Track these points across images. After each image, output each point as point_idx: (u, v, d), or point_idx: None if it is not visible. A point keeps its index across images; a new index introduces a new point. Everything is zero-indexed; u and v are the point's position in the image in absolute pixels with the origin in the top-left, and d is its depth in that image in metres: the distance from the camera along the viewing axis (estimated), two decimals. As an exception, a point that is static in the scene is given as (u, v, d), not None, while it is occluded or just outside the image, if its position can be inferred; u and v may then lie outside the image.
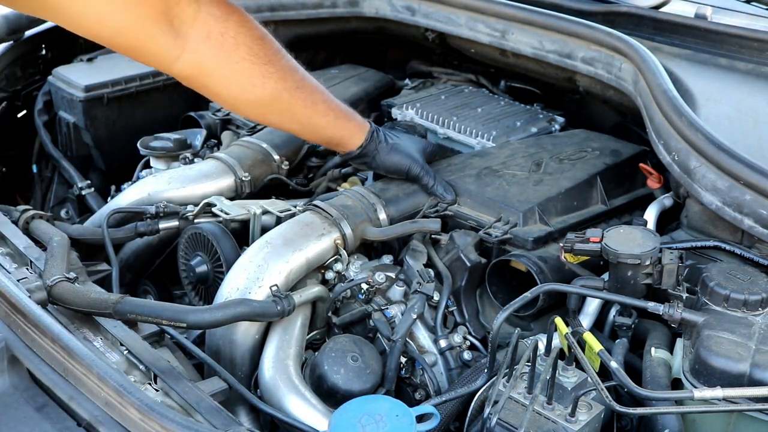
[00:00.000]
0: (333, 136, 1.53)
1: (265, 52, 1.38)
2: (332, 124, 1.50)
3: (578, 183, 1.48)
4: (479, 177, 1.51)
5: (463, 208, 1.47)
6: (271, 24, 2.04)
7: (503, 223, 1.39)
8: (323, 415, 1.16)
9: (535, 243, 1.36)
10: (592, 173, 1.51)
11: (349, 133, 1.52)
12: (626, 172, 1.58)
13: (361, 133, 1.53)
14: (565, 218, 1.45)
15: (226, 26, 1.33)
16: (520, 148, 1.63)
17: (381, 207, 1.45)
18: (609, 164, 1.56)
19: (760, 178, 1.16)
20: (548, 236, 1.39)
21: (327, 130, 1.51)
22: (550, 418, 0.97)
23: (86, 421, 1.00)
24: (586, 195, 1.50)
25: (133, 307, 1.20)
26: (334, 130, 1.51)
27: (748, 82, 1.57)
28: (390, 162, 1.53)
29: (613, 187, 1.54)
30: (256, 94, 1.40)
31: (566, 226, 1.42)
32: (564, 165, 1.55)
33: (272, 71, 1.39)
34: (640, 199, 1.56)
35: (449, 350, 1.32)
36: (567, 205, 1.46)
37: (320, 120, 1.48)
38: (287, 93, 1.42)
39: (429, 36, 2.01)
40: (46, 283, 1.23)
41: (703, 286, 1.11)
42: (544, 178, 1.50)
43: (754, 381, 0.98)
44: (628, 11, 1.79)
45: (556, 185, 1.47)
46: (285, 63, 1.42)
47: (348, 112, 1.53)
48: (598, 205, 1.51)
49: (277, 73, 1.40)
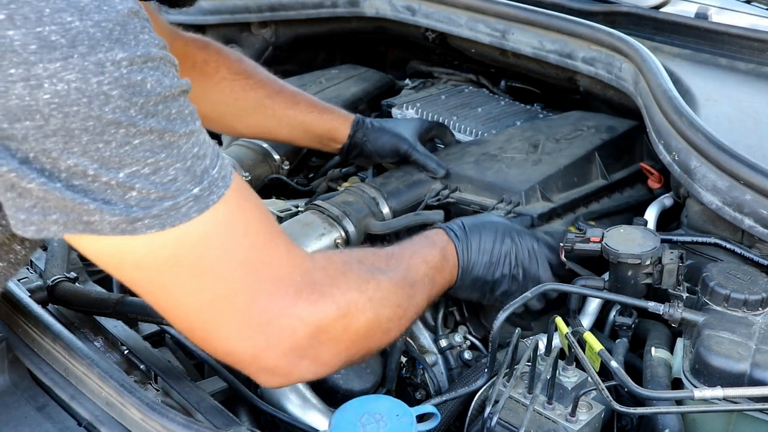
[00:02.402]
0: (322, 132, 1.56)
1: (244, 68, 1.52)
2: (317, 120, 1.55)
3: (577, 159, 1.50)
4: (478, 163, 1.52)
5: (464, 194, 1.47)
6: (272, 24, 2.05)
7: (506, 204, 1.40)
8: (323, 415, 1.16)
9: (540, 219, 1.38)
10: (589, 149, 1.53)
11: (335, 125, 1.56)
12: (623, 147, 1.60)
13: (347, 123, 1.57)
14: (567, 194, 1.46)
15: (208, 53, 1.49)
16: (516, 132, 1.64)
17: (383, 200, 1.45)
18: (606, 140, 1.57)
19: (760, 178, 1.16)
20: (552, 212, 1.41)
21: (314, 127, 1.55)
22: (551, 418, 0.97)
23: (87, 421, 1.00)
24: (585, 170, 1.51)
25: (133, 306, 1.20)
26: (320, 125, 1.55)
27: (749, 82, 1.57)
28: (380, 144, 1.55)
29: (612, 161, 1.56)
30: (239, 107, 1.51)
31: (569, 201, 1.44)
32: (561, 144, 1.56)
33: (252, 83, 1.51)
34: (640, 174, 1.57)
35: (450, 350, 1.32)
36: (568, 182, 1.48)
37: (305, 118, 1.54)
38: (269, 99, 1.52)
39: (429, 36, 2.01)
40: (46, 283, 1.24)
41: (704, 285, 1.11)
42: (543, 158, 1.51)
43: (754, 381, 0.97)
44: (628, 11, 1.79)
45: (554, 164, 1.49)
46: (263, 75, 1.55)
47: (330, 107, 1.58)
48: (598, 180, 1.52)
49: (257, 84, 1.52)
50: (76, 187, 0.76)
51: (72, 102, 0.73)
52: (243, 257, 0.88)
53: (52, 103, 0.73)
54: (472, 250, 1.21)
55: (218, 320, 0.89)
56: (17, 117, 0.72)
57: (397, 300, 1.06)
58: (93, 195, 0.77)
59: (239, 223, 0.88)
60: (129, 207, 0.78)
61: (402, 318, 1.07)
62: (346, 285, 1.00)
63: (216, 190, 0.84)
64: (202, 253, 0.85)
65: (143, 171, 0.78)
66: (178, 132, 0.80)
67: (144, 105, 0.77)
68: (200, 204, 0.82)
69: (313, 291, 0.94)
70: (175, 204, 0.80)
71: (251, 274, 0.89)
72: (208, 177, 0.83)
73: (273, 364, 0.94)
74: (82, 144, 0.75)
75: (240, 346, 0.92)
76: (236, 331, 0.90)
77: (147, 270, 0.84)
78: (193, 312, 0.89)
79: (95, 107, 0.74)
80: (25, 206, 0.77)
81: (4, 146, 0.74)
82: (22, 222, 0.78)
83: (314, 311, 0.94)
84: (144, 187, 0.78)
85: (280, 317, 0.91)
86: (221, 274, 0.87)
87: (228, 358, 0.95)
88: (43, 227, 0.78)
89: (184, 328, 0.93)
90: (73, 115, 0.73)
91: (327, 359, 0.98)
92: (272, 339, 0.91)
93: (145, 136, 0.77)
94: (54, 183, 0.76)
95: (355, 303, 0.99)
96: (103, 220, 0.78)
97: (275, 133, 1.58)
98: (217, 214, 0.84)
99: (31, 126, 0.73)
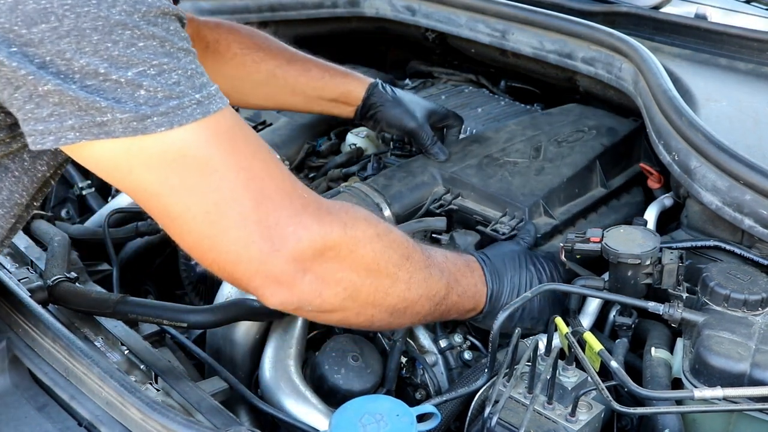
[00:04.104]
0: (336, 96, 1.57)
1: (255, 41, 1.54)
2: (330, 84, 1.57)
3: (579, 170, 1.50)
4: (481, 167, 1.51)
5: (467, 202, 1.46)
6: (272, 24, 2.05)
7: (509, 218, 1.39)
8: (324, 415, 1.17)
9: (542, 239, 1.38)
10: (591, 157, 1.53)
11: (349, 88, 1.57)
12: (623, 151, 1.60)
13: (362, 86, 1.58)
14: (568, 207, 1.46)
15: (219, 33, 1.51)
16: (518, 130, 1.63)
17: (385, 205, 1.45)
18: (607, 145, 1.57)
19: (760, 178, 1.16)
20: (554, 230, 1.41)
21: (327, 91, 1.57)
22: (551, 418, 0.98)
23: (87, 421, 1.00)
24: (586, 180, 1.51)
25: (133, 306, 1.20)
26: (334, 88, 1.57)
27: (749, 82, 1.57)
28: (392, 115, 1.56)
29: (611, 167, 1.56)
30: (252, 80, 1.53)
31: (570, 217, 1.44)
32: (563, 149, 1.56)
33: (262, 55, 1.53)
34: (638, 177, 1.57)
35: (450, 350, 1.32)
36: (569, 194, 1.47)
37: (317, 83, 1.56)
38: (280, 69, 1.54)
39: (429, 36, 2.01)
40: (47, 283, 1.24)
41: (704, 285, 1.11)
42: (545, 166, 1.51)
43: (754, 381, 0.98)
44: (628, 11, 1.79)
45: (557, 174, 1.48)
46: (275, 46, 1.56)
47: (344, 70, 1.60)
48: (597, 189, 1.52)
49: (268, 56, 1.54)
50: (89, 87, 0.82)
51: (83, 2, 0.81)
52: (246, 164, 0.93)
53: (65, 4, 0.80)
54: (500, 274, 1.22)
55: (224, 224, 0.92)
56: (34, 20, 0.80)
57: (407, 252, 1.08)
58: (105, 94, 0.83)
59: (240, 134, 0.94)
60: (138, 105, 0.84)
61: (411, 277, 1.07)
62: (355, 215, 1.03)
63: (215, 102, 0.90)
64: (207, 153, 0.90)
65: (149, 71, 0.85)
66: (177, 45, 0.87)
67: (146, 14, 0.84)
68: (203, 108, 0.88)
69: (320, 208, 0.98)
70: (180, 104, 0.86)
71: (255, 181, 0.93)
72: (207, 90, 0.90)
73: (278, 271, 0.95)
74: (93, 43, 0.82)
75: (246, 252, 0.94)
76: (242, 236, 0.93)
77: (156, 171, 0.89)
78: (200, 216, 0.92)
79: (104, 8, 0.82)
80: (43, 116, 0.83)
81: (23, 53, 0.80)
82: (40, 133, 0.84)
83: (320, 225, 0.97)
84: (151, 85, 0.84)
85: (286, 224, 0.94)
86: (226, 176, 0.91)
87: (236, 268, 0.96)
88: (61, 135, 0.84)
89: (192, 238, 0.95)
90: (84, 15, 0.81)
91: (331, 279, 1.00)
92: (277, 243, 0.94)
93: (148, 40, 0.85)
94: (69, 84, 0.82)
95: (364, 230, 1.02)
96: (115, 119, 0.84)
97: (290, 102, 1.61)
98: (219, 122, 0.90)
99: (46, 28, 0.80)
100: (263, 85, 1.54)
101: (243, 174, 0.92)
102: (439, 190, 1.49)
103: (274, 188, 0.95)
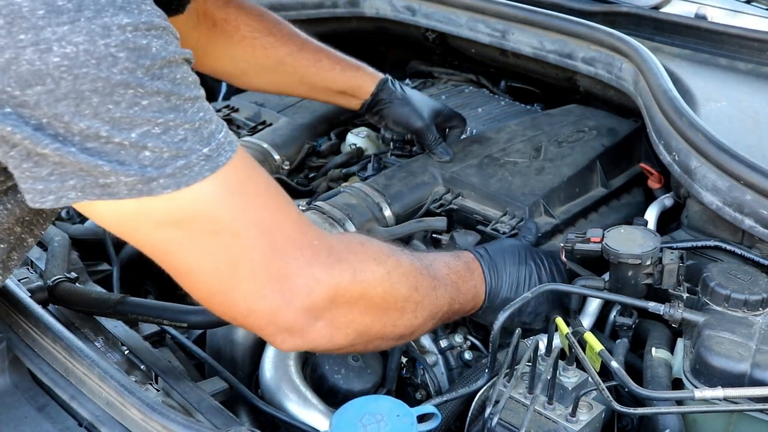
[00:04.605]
0: (344, 89, 1.56)
1: (265, 25, 1.50)
2: (340, 76, 1.55)
3: (579, 170, 1.50)
4: (481, 167, 1.51)
5: (467, 202, 1.46)
6: (272, 24, 2.05)
7: (509, 218, 1.39)
8: (324, 415, 1.16)
9: (543, 238, 1.38)
10: (591, 157, 1.53)
11: (359, 82, 1.56)
12: (623, 152, 1.60)
13: (372, 81, 1.56)
14: (568, 207, 1.46)
15: (227, 12, 1.46)
16: (518, 130, 1.64)
17: (386, 204, 1.45)
18: (607, 146, 1.57)
19: (760, 178, 1.16)
20: (554, 229, 1.41)
21: (336, 83, 1.55)
22: (551, 418, 0.97)
23: (87, 421, 1.00)
24: (587, 180, 1.51)
25: (133, 306, 1.20)
26: (343, 81, 1.55)
27: (749, 82, 1.57)
28: (399, 113, 1.55)
29: (612, 168, 1.56)
30: (260, 65, 1.51)
31: (570, 217, 1.44)
32: (563, 149, 1.56)
33: (272, 41, 1.50)
34: (638, 177, 1.57)
35: (450, 350, 1.32)
36: (569, 194, 1.48)
37: (327, 74, 1.54)
38: (290, 56, 1.51)
39: (429, 36, 2.01)
40: (47, 283, 1.24)
41: (704, 286, 1.11)
42: (546, 166, 1.51)
43: (754, 381, 0.98)
44: (628, 11, 1.79)
45: (558, 173, 1.48)
46: (286, 30, 1.53)
47: (355, 64, 1.58)
48: (598, 189, 1.52)
49: (278, 42, 1.51)
50: (90, 150, 0.78)
51: (81, 64, 0.75)
52: (256, 217, 0.90)
53: (62, 65, 0.75)
54: (498, 270, 1.22)
55: (235, 279, 0.91)
56: (29, 82, 0.74)
57: (416, 283, 1.07)
58: (107, 157, 0.78)
59: (249, 185, 0.91)
60: (143, 167, 0.80)
61: (419, 305, 1.07)
62: (365, 255, 1.02)
63: (224, 153, 0.86)
64: (217, 213, 0.87)
65: (154, 131, 0.80)
66: (183, 95, 0.82)
67: (150, 68, 0.79)
68: (211, 163, 0.84)
69: (330, 255, 0.97)
70: (187, 163, 0.82)
71: (266, 234, 0.91)
72: (215, 140, 0.85)
73: (290, 322, 0.95)
74: (92, 106, 0.76)
75: (258, 306, 0.93)
76: (253, 289, 0.92)
77: (164, 230, 0.86)
78: (210, 272, 0.91)
79: (104, 68, 0.76)
80: (42, 175, 0.79)
81: (18, 114, 0.76)
82: (39, 192, 0.80)
83: (330, 274, 0.96)
84: (156, 146, 0.80)
85: (297, 277, 0.93)
86: (237, 232, 0.89)
87: (247, 319, 0.96)
88: (62, 194, 0.80)
89: (202, 292, 0.95)
90: (83, 77, 0.75)
91: (342, 324, 0.99)
92: (288, 296, 0.93)
93: (152, 97, 0.79)
94: (68, 147, 0.77)
95: (373, 272, 1.01)
96: (119, 182, 0.80)
97: (296, 90, 1.60)
98: (228, 175, 0.86)
99: (42, 90, 0.75)
100: (271, 72, 1.53)
101: (253, 228, 0.90)
102: (440, 190, 1.49)
103: (284, 240, 0.93)
